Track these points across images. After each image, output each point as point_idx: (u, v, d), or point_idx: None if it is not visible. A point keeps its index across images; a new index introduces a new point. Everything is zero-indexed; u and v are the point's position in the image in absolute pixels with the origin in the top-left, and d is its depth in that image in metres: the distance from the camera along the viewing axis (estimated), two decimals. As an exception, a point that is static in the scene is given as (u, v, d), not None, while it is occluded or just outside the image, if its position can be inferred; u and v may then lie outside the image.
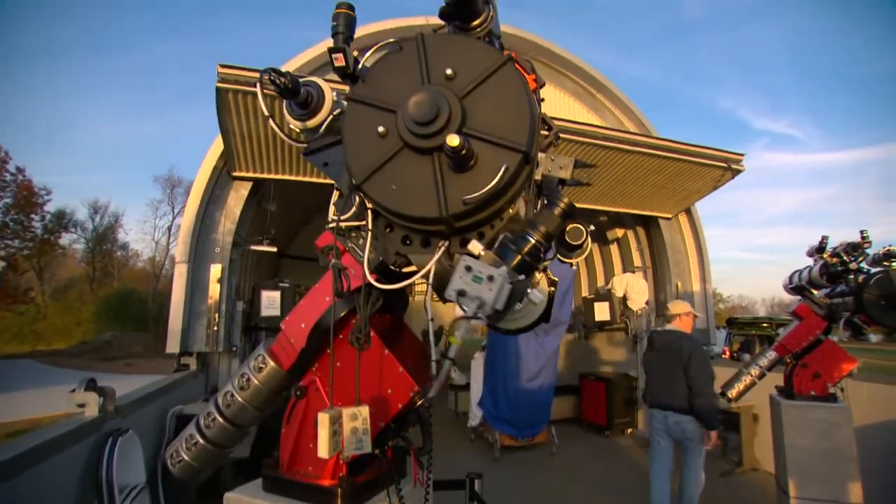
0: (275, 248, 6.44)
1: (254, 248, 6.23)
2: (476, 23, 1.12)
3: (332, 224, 1.22)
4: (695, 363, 3.91)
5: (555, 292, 1.24)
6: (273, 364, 1.45)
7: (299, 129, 1.30)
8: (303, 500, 1.35)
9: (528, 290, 0.95)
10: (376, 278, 1.15)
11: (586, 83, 7.22)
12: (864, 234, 3.26)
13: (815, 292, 3.57)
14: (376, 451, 1.37)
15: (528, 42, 6.65)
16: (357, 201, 1.19)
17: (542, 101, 1.12)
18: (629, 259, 8.20)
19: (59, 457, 2.53)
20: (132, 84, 58.87)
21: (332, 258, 1.20)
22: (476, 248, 0.99)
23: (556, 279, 1.26)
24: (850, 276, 3.26)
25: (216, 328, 5.36)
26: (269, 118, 1.32)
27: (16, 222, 25.65)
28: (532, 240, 0.98)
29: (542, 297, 0.97)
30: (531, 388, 6.28)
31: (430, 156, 1.00)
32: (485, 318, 0.94)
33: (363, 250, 1.17)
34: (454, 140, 0.90)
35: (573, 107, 7.18)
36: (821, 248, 3.51)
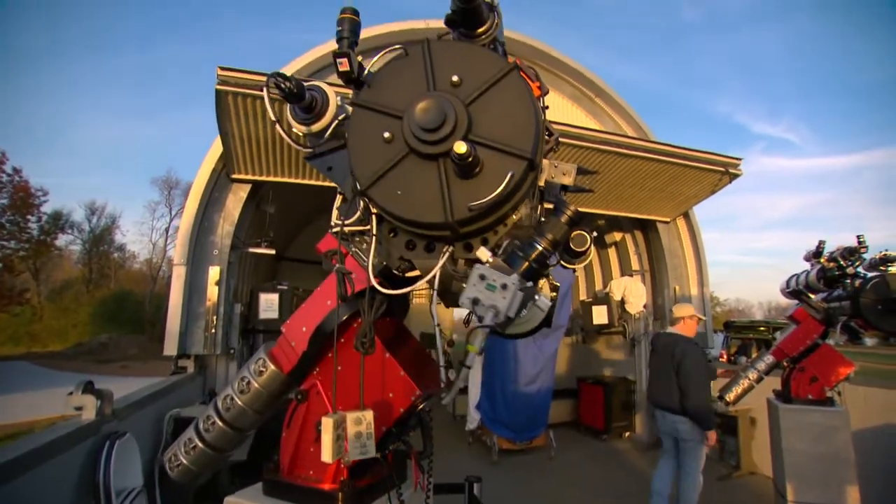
0: (273, 251, 6.43)
1: (252, 250, 6.21)
2: (481, 30, 1.13)
3: (336, 228, 1.22)
4: (685, 364, 3.93)
5: (556, 297, 1.25)
6: (273, 367, 1.45)
7: (303, 133, 1.30)
8: None
9: (536, 297, 0.96)
10: (380, 282, 1.15)
11: (584, 87, 7.23)
12: (861, 239, 3.28)
13: (812, 296, 3.60)
14: (377, 454, 1.37)
15: (526, 46, 6.66)
16: (361, 206, 1.19)
17: (547, 108, 1.13)
18: (627, 263, 8.21)
19: (57, 460, 2.51)
20: (132, 85, 58.91)
21: (336, 262, 1.20)
22: (484, 255, 1.00)
23: (558, 284, 1.27)
24: (847, 280, 3.29)
25: (214, 331, 5.33)
26: (276, 123, 1.31)
27: (12, 223, 25.53)
28: (539, 247, 0.98)
29: (549, 304, 0.97)
30: (529, 392, 6.29)
31: (435, 162, 1.00)
32: (497, 326, 0.94)
33: (366, 254, 1.17)
34: (461, 147, 0.90)
35: (571, 111, 7.20)
36: (818, 253, 3.53)
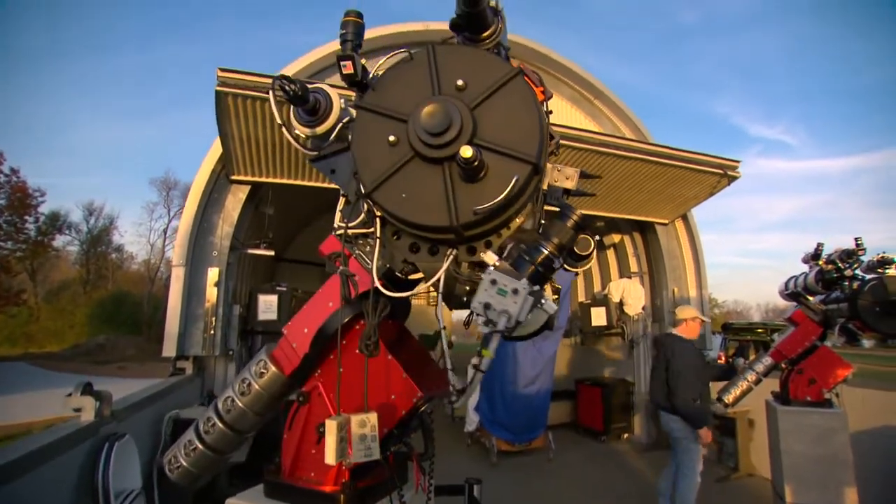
0: (272, 252, 6.42)
1: (251, 251, 6.20)
2: (486, 34, 1.13)
3: (339, 231, 1.22)
4: (674, 363, 3.96)
5: (557, 299, 1.25)
6: (274, 369, 1.45)
7: (306, 135, 1.30)
8: None
9: (543, 301, 0.96)
10: (383, 285, 1.15)
11: (584, 89, 7.25)
12: (859, 241, 3.30)
13: (810, 298, 3.61)
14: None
15: (526, 48, 6.67)
16: (365, 208, 1.19)
17: (550, 113, 1.13)
18: (626, 264, 8.22)
19: (56, 461, 2.51)
20: (131, 86, 58.67)
21: (340, 265, 1.20)
22: (491, 259, 1.00)
23: (559, 287, 1.27)
24: (846, 282, 3.30)
25: (213, 332, 5.32)
26: (283, 126, 1.31)
27: (9, 223, 25.44)
28: (545, 251, 0.99)
29: (555, 307, 0.98)
30: (528, 394, 6.29)
31: (440, 165, 1.00)
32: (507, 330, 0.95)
33: (369, 257, 1.17)
34: (468, 151, 0.91)
35: (571, 113, 7.21)
36: (816, 255, 3.54)
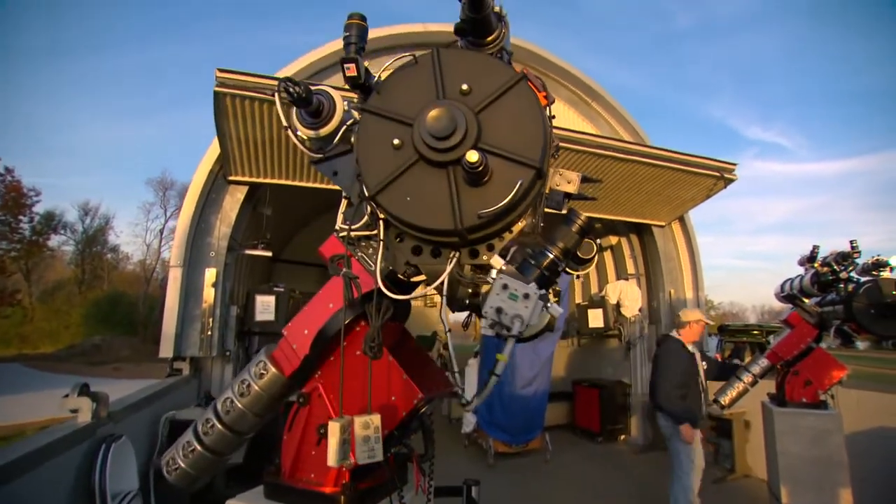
0: (270, 253, 6.40)
1: (249, 252, 6.19)
2: (489, 39, 1.14)
3: (342, 233, 1.22)
4: (658, 362, 4.01)
5: (558, 302, 1.26)
6: (274, 370, 1.44)
7: (309, 137, 1.30)
8: None
9: (549, 304, 0.97)
10: (387, 287, 1.15)
11: (581, 91, 7.26)
12: (854, 244, 3.33)
13: (806, 301, 3.64)
14: None
15: (523, 50, 6.66)
16: (368, 211, 1.19)
17: (553, 118, 1.14)
18: (623, 266, 8.25)
19: (53, 463, 2.50)
20: (130, 86, 58.58)
21: (343, 266, 1.20)
22: (498, 263, 1.01)
23: (560, 289, 1.28)
24: (841, 284, 3.33)
25: (210, 333, 5.30)
26: (288, 129, 1.31)
27: (3, 223, 25.27)
28: (551, 255, 1.00)
29: (560, 311, 0.99)
30: (525, 395, 6.30)
31: (445, 169, 1.01)
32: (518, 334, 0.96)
33: (371, 259, 1.17)
34: (473, 156, 0.91)
35: (568, 115, 7.21)
36: (812, 258, 3.57)
